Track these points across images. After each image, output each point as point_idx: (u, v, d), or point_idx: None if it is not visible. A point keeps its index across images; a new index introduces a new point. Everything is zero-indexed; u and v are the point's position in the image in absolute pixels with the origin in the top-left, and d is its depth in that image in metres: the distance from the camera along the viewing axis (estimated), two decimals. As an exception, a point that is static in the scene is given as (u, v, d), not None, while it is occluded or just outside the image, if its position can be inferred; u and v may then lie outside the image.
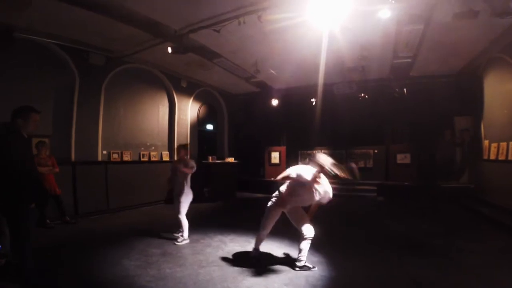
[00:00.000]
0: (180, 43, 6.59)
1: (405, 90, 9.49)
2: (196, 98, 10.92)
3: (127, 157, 8.31)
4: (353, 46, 6.90)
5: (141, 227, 5.98)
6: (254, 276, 3.61)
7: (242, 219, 6.70)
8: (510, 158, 6.35)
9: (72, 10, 5.22)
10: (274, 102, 11.35)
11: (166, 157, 9.52)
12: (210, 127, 12.11)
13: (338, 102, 10.31)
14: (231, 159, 10.96)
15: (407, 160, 10.06)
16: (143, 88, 8.94)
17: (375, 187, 9.97)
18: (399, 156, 10.22)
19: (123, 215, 7.33)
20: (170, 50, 6.70)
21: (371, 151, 10.77)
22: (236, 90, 11.98)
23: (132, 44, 6.93)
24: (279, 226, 4.13)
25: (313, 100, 10.78)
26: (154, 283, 3.42)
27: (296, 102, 11.31)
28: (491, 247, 4.74)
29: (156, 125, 9.45)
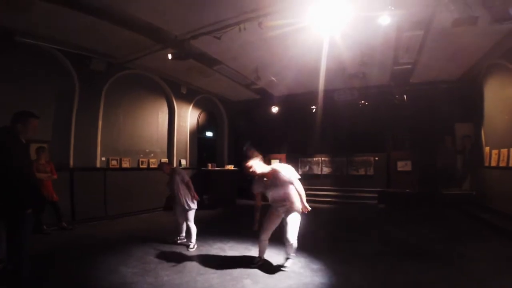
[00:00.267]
0: (181, 49, 6.62)
1: (405, 96, 9.50)
2: (196, 105, 10.92)
3: (126, 163, 8.26)
4: (353, 52, 6.93)
5: (139, 234, 5.91)
6: (253, 284, 3.55)
7: (242, 227, 6.58)
8: (511, 165, 6.31)
9: (74, 15, 5.25)
10: (275, 109, 11.37)
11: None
12: (209, 134, 12.09)
13: (339, 109, 10.34)
14: (230, 167, 10.91)
15: (408, 168, 10.03)
16: (142, 94, 8.95)
17: (376, 195, 9.90)
18: (400, 164, 10.18)
19: (121, 221, 7.24)
20: (170, 56, 6.72)
21: (372, 158, 10.72)
22: (236, 97, 11.98)
23: (133, 50, 6.95)
24: (278, 235, 4.08)
25: (313, 107, 10.78)
26: (151, 291, 3.34)
27: (297, 109, 11.32)
28: (493, 253, 4.71)
29: (156, 131, 9.42)
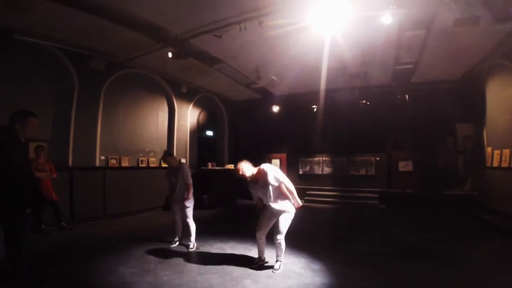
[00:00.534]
0: (181, 48, 6.59)
1: (407, 96, 9.46)
2: (196, 104, 10.89)
3: (125, 163, 8.23)
4: (355, 52, 6.90)
5: (138, 234, 5.88)
6: (253, 284, 3.52)
7: (242, 227, 6.57)
8: (513, 165, 6.27)
9: (74, 14, 5.22)
10: (275, 109, 11.34)
11: (165, 163, 9.37)
12: (210, 133, 12.05)
13: (340, 109, 10.31)
14: (231, 166, 10.87)
15: (409, 168, 10.00)
16: (142, 93, 8.91)
17: (377, 195, 9.85)
18: (401, 164, 10.15)
19: (120, 221, 7.21)
20: (170, 55, 6.70)
21: (373, 158, 10.69)
22: (236, 96, 11.94)
23: (133, 49, 6.92)
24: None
25: (314, 106, 10.75)
26: (150, 291, 3.31)
27: (297, 108, 11.29)
28: (493, 253, 4.70)
29: (155, 131, 9.38)
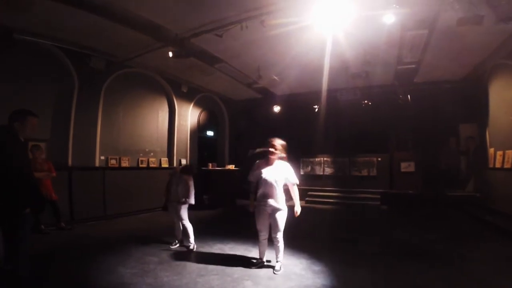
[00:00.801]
0: (181, 47, 6.55)
1: (409, 96, 9.40)
2: (197, 104, 10.85)
3: (125, 163, 8.19)
4: (357, 51, 6.85)
5: (138, 234, 5.85)
6: (254, 286, 3.48)
7: (242, 227, 6.52)
8: (515, 166, 6.22)
9: (75, 13, 5.19)
10: (276, 109, 11.29)
11: (165, 163, 9.38)
12: (210, 133, 12.01)
13: (341, 109, 10.26)
14: (231, 166, 10.83)
15: (412, 169, 9.92)
16: (143, 92, 8.87)
17: (378, 196, 9.81)
18: (403, 164, 10.08)
19: (120, 221, 7.16)
20: (171, 54, 6.66)
21: (375, 159, 10.62)
22: (237, 96, 11.91)
23: (133, 48, 6.88)
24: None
25: (316, 106, 10.69)
26: (150, 292, 3.27)
27: (299, 108, 11.23)
28: (493, 253, 4.70)
29: (156, 131, 9.34)
